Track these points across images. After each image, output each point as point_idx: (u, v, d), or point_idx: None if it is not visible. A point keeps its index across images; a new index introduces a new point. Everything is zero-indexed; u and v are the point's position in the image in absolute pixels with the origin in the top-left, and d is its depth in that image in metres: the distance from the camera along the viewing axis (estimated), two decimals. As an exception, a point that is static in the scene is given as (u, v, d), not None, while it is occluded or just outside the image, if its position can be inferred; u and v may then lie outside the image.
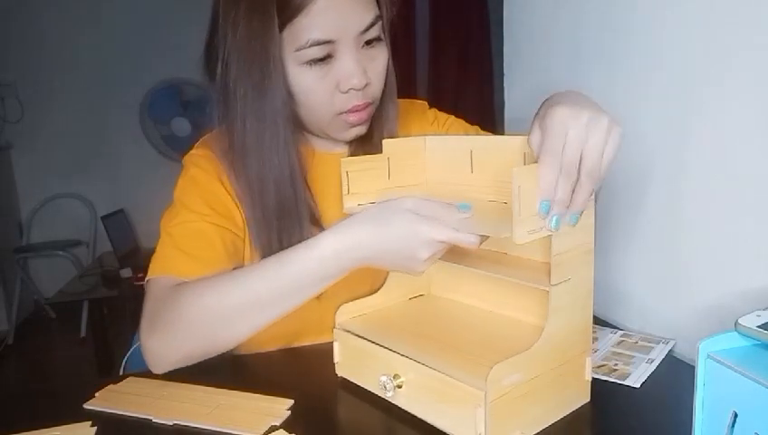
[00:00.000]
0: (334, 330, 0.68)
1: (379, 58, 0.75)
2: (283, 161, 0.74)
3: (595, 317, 0.86)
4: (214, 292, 0.68)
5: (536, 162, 0.52)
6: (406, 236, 0.59)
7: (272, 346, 0.82)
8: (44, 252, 3.47)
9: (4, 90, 3.48)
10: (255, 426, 0.59)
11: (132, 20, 3.60)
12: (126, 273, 2.63)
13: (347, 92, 0.73)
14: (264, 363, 0.78)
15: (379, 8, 0.74)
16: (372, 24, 0.72)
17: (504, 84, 1.09)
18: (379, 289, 0.73)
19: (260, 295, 0.67)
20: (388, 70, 0.78)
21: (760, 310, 0.46)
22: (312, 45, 0.69)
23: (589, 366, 0.59)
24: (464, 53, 3.55)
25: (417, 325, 0.68)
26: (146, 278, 0.75)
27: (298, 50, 0.70)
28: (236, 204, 0.78)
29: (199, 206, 0.76)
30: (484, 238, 0.57)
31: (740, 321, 0.45)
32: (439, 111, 0.97)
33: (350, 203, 0.66)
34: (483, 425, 0.51)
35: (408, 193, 0.63)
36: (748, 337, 0.44)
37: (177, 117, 3.65)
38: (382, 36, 0.75)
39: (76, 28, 3.55)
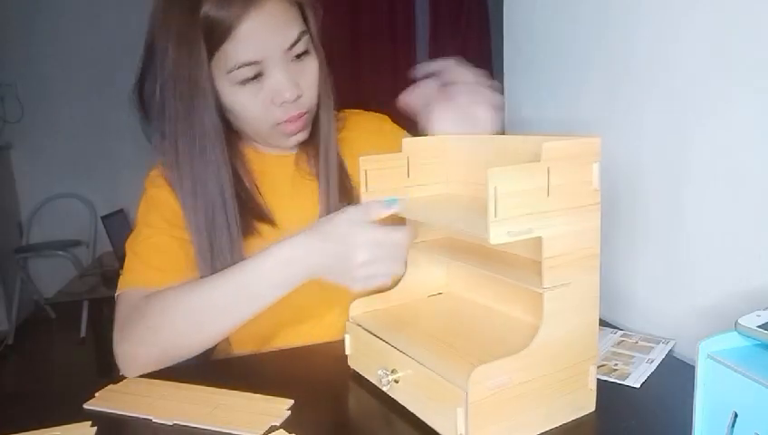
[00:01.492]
0: (347, 323, 0.70)
1: (309, 69, 0.80)
2: (217, 181, 0.78)
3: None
4: (177, 300, 0.73)
5: (540, 162, 0.52)
6: (344, 240, 0.65)
7: (253, 343, 0.86)
8: (44, 252, 3.47)
9: (4, 90, 3.48)
10: (255, 426, 0.59)
11: (132, 20, 3.59)
12: (126, 273, 2.63)
13: (281, 105, 0.78)
14: (264, 363, 0.78)
15: (306, 23, 0.80)
16: (297, 40, 0.77)
17: (504, 84, 1.09)
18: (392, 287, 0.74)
19: (217, 302, 0.72)
20: (321, 78, 0.82)
21: (760, 310, 0.46)
22: (240, 67, 0.74)
23: (593, 375, 0.58)
24: (464, 53, 3.55)
25: (427, 323, 0.68)
26: (116, 293, 0.79)
27: (229, 72, 0.75)
28: None
29: (159, 222, 0.81)
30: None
31: (740, 321, 0.45)
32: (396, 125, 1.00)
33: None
34: (463, 425, 0.51)
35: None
36: (748, 337, 0.44)
37: (177, 117, 3.64)
38: (311, 49, 0.80)
39: (76, 28, 3.55)
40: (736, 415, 0.42)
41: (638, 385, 0.64)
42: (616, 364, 0.69)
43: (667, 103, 0.74)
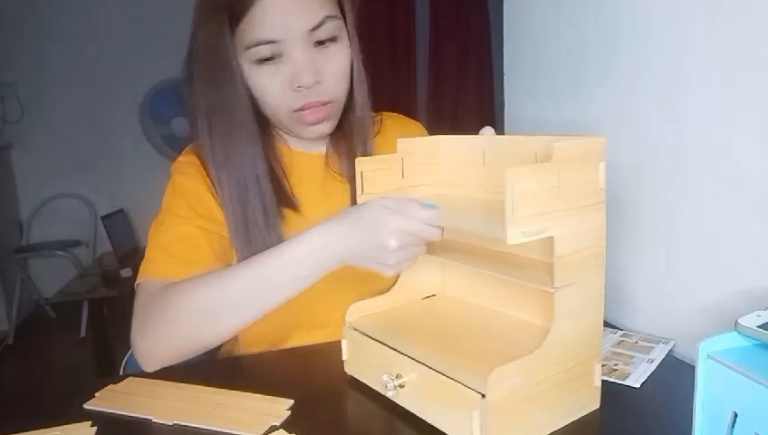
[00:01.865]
0: (344, 328, 0.68)
1: (336, 58, 0.77)
2: (249, 158, 0.78)
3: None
4: (198, 290, 0.70)
5: (545, 162, 0.52)
6: (374, 226, 0.62)
7: (263, 345, 0.83)
8: (44, 252, 3.47)
9: (4, 90, 3.48)
10: (255, 426, 0.59)
11: (132, 20, 3.60)
12: (126, 273, 2.63)
13: (298, 90, 0.75)
14: (264, 363, 0.78)
15: (342, 10, 0.77)
16: (321, 24, 0.74)
17: (504, 84, 1.09)
18: (387, 290, 0.73)
19: (241, 292, 0.69)
20: (354, 71, 0.79)
21: (760, 310, 0.46)
22: (258, 45, 0.73)
23: (598, 372, 0.58)
24: (464, 53, 3.55)
25: (426, 325, 0.68)
26: (136, 282, 0.77)
27: (247, 49, 0.74)
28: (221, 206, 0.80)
29: (185, 211, 0.78)
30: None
31: (740, 321, 0.45)
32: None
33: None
34: (479, 428, 0.51)
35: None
36: (748, 337, 0.44)
37: (177, 117, 3.64)
38: (341, 37, 0.77)
39: (76, 28, 3.55)
40: (736, 415, 0.42)
41: (638, 385, 0.64)
42: (616, 364, 0.69)
43: (667, 103, 0.74)
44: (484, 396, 0.50)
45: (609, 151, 0.86)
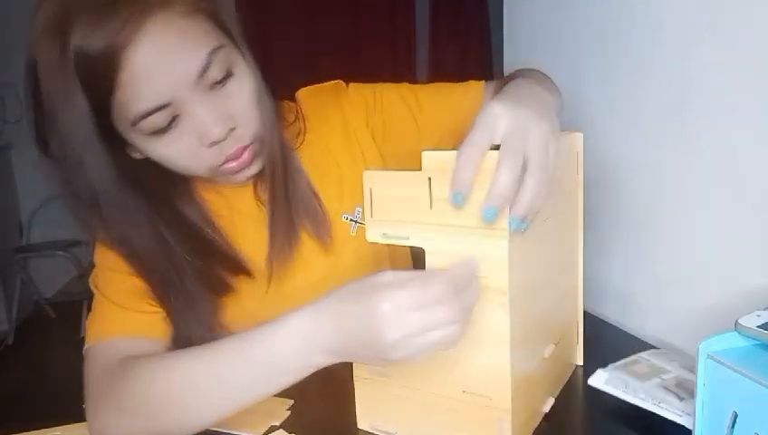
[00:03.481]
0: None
1: (240, 93, 0.63)
2: (149, 245, 0.66)
3: (595, 317, 0.86)
4: (153, 379, 0.59)
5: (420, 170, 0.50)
6: (365, 314, 0.48)
7: None
8: (44, 252, 3.47)
9: (4, 90, 3.48)
10: (255, 426, 0.59)
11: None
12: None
13: (211, 147, 0.62)
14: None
15: (225, 33, 0.62)
16: (208, 64, 0.59)
17: (504, 84, 1.09)
18: None
19: (204, 387, 0.56)
20: (258, 97, 0.65)
21: (760, 310, 0.46)
22: (145, 117, 0.58)
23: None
24: (464, 53, 3.55)
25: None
26: (84, 346, 0.66)
27: (134, 125, 0.59)
28: None
29: (120, 264, 0.69)
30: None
31: (740, 321, 0.45)
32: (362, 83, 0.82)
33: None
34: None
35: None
36: (748, 337, 0.44)
37: (177, 117, 3.64)
38: (236, 65, 0.62)
39: (76, 28, 3.55)
40: (736, 415, 0.42)
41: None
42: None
43: (667, 103, 0.73)
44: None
45: (610, 151, 0.86)
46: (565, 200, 0.64)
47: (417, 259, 0.68)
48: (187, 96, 0.59)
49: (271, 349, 0.53)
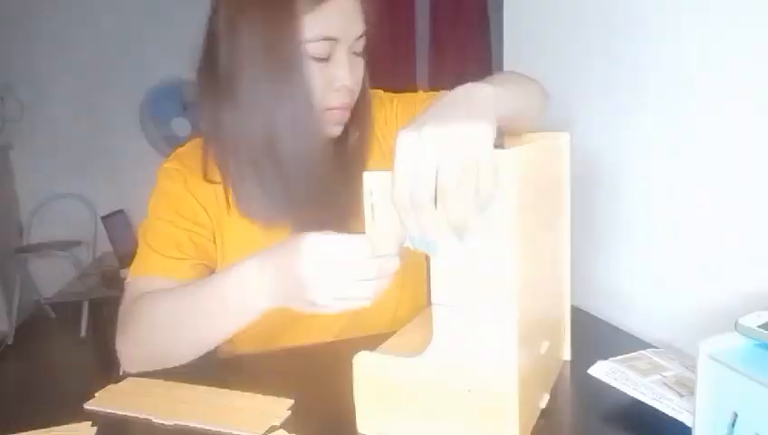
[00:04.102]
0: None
1: (360, 68, 0.80)
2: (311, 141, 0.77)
3: (595, 316, 0.86)
4: (159, 305, 0.73)
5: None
6: (289, 252, 0.60)
7: (257, 342, 0.83)
8: (44, 252, 3.47)
9: (4, 90, 3.48)
10: (255, 426, 0.59)
11: (132, 20, 3.59)
12: (126, 273, 2.62)
13: (337, 90, 0.77)
14: (264, 363, 0.78)
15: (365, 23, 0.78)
16: (362, 35, 0.77)
17: (504, 84, 1.09)
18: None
19: (196, 314, 0.71)
20: (364, 81, 0.82)
21: (760, 310, 0.46)
22: (320, 40, 0.73)
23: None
24: (464, 53, 3.55)
25: None
26: (126, 280, 0.82)
27: (308, 42, 0.73)
28: (205, 209, 0.82)
29: (170, 214, 0.82)
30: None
31: (740, 321, 0.45)
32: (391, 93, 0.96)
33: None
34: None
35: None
36: (748, 337, 0.44)
37: (177, 117, 3.64)
38: (363, 52, 0.80)
39: (76, 28, 3.55)
40: (736, 415, 0.42)
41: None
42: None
43: (666, 102, 0.74)
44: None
45: (609, 151, 0.86)
46: (553, 199, 0.65)
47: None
48: (345, 45, 0.75)
49: (225, 289, 0.68)
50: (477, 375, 0.52)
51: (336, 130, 0.82)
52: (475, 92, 0.54)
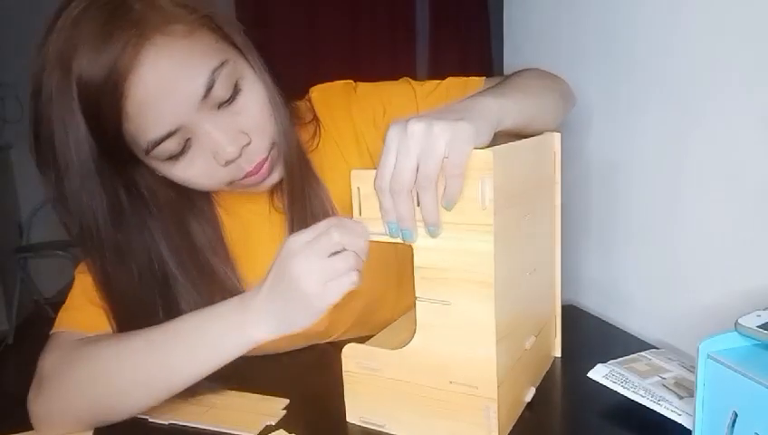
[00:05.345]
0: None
1: (251, 108, 0.62)
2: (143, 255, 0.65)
3: (594, 316, 0.86)
4: (102, 353, 0.62)
5: None
6: (282, 270, 0.54)
7: (256, 350, 0.79)
8: (44, 252, 3.47)
9: (4, 90, 3.48)
10: (251, 425, 0.59)
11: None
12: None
13: (227, 166, 0.62)
14: (260, 363, 0.78)
15: (230, 45, 0.62)
16: (212, 83, 0.58)
17: (504, 84, 1.09)
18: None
19: (147, 367, 0.60)
20: (272, 106, 0.64)
21: (760, 310, 0.46)
22: (155, 146, 0.59)
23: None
24: (464, 53, 3.55)
25: None
26: (51, 331, 0.69)
27: (147, 153, 0.60)
28: None
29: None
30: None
31: (740, 321, 0.45)
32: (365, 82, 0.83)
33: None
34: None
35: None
36: (748, 337, 0.44)
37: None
38: (242, 79, 0.61)
39: (76, 28, 3.55)
40: (736, 415, 0.42)
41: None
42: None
43: (666, 102, 0.73)
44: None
45: (609, 150, 0.86)
46: (543, 198, 0.65)
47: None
48: (196, 119, 0.59)
49: (207, 332, 0.58)
50: (457, 368, 0.53)
51: (269, 184, 0.68)
52: (476, 101, 0.54)
